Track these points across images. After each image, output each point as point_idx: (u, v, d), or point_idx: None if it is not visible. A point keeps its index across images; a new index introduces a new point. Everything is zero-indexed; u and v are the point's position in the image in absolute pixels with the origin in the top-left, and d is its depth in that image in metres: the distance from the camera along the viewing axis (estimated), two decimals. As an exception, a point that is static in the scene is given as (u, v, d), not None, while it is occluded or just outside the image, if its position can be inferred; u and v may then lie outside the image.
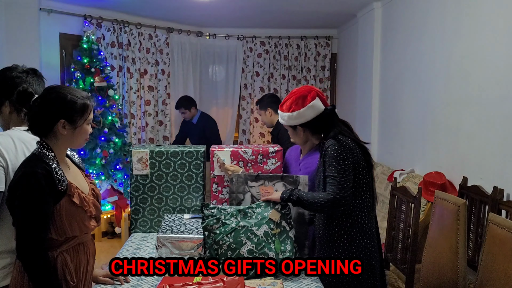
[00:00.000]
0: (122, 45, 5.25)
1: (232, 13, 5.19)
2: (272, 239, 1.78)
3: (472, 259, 2.63)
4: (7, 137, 1.61)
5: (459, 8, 3.13)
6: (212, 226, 1.78)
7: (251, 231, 1.77)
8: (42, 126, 1.49)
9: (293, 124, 1.94)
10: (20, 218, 1.42)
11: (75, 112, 1.50)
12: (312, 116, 1.89)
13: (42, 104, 1.48)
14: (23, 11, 4.41)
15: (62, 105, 1.48)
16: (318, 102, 1.88)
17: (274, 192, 1.93)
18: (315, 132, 1.96)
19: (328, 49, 6.13)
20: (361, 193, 1.84)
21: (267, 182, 2.05)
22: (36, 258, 1.42)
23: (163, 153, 2.31)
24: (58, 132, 1.50)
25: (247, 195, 2.06)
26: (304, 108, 1.87)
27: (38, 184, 1.41)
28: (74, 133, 1.52)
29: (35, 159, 1.47)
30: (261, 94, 6.16)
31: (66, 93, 1.50)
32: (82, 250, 1.60)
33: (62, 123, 1.49)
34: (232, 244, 1.74)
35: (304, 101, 1.88)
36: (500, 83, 2.67)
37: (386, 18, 4.49)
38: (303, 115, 1.89)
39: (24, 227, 1.41)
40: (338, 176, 1.74)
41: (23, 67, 1.74)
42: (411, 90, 3.88)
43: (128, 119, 5.36)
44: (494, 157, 2.73)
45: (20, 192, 1.41)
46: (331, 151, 1.78)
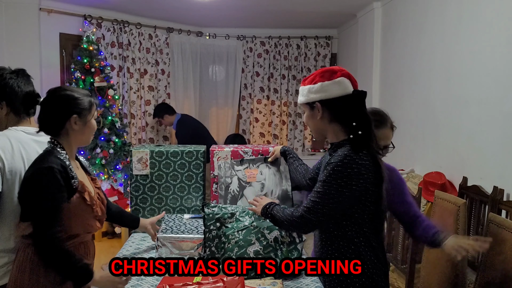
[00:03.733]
0: (122, 45, 5.25)
1: (232, 13, 5.19)
2: (280, 246, 1.77)
3: (472, 259, 2.63)
4: (3, 137, 1.62)
5: (459, 8, 3.13)
6: (225, 219, 1.80)
7: (262, 233, 1.77)
8: (54, 124, 1.56)
9: (312, 100, 1.55)
10: (38, 212, 1.44)
11: (84, 108, 1.59)
12: (337, 94, 1.51)
13: (52, 103, 1.56)
14: (23, 11, 4.41)
15: (73, 102, 1.56)
16: (348, 82, 1.52)
17: (260, 202, 1.75)
18: (335, 119, 1.54)
19: (328, 49, 6.13)
20: (365, 220, 1.51)
21: (252, 165, 2.18)
22: (56, 250, 1.45)
23: (163, 153, 2.31)
24: (70, 128, 1.57)
25: (234, 179, 2.17)
26: (330, 81, 1.51)
27: (55, 178, 1.46)
28: (84, 128, 1.60)
29: (50, 155, 1.51)
30: (262, 94, 6.18)
31: (73, 91, 1.59)
32: (82, 250, 1.61)
33: (75, 118, 1.56)
34: (241, 241, 1.75)
35: (331, 75, 1.52)
36: (500, 83, 2.67)
37: (386, 18, 4.49)
38: (327, 89, 1.51)
39: (43, 221, 1.44)
40: (320, 198, 1.45)
41: (10, 69, 1.74)
42: (411, 90, 3.88)
43: (128, 119, 5.36)
44: (494, 157, 2.73)
45: (37, 186, 1.45)
46: (337, 165, 1.44)
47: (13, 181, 1.59)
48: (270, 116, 6.21)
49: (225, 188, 2.17)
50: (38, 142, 1.72)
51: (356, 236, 1.52)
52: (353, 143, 1.48)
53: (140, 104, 5.52)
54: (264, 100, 6.20)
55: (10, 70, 1.73)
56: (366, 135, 1.50)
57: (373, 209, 1.51)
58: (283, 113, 6.19)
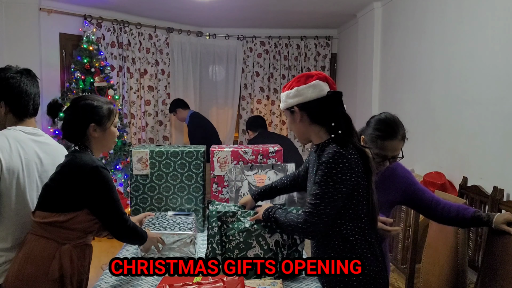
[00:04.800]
0: (122, 45, 5.25)
1: (232, 13, 5.20)
2: (281, 249, 1.76)
3: (472, 259, 2.63)
4: (1, 136, 1.62)
5: (459, 8, 3.13)
6: (227, 218, 1.80)
7: (263, 236, 1.76)
8: (75, 131, 1.63)
9: (290, 105, 1.60)
10: (110, 207, 1.58)
11: (103, 116, 1.65)
12: (313, 97, 1.54)
13: (72, 112, 1.64)
14: (23, 11, 4.42)
15: (91, 110, 1.63)
16: (324, 84, 1.55)
17: (261, 207, 1.77)
18: (314, 120, 1.58)
19: (328, 49, 6.13)
20: (360, 216, 1.53)
21: (260, 170, 2.27)
22: (131, 229, 1.65)
23: (163, 153, 2.31)
24: (90, 136, 1.63)
25: (244, 183, 2.25)
26: (305, 85, 1.55)
27: (108, 174, 1.59)
28: (104, 135, 1.66)
29: (86, 155, 1.59)
30: (261, 94, 6.18)
31: (93, 101, 1.66)
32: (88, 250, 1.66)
33: (93, 126, 1.62)
34: (242, 244, 1.75)
35: (307, 79, 1.57)
36: (500, 83, 2.67)
37: (386, 18, 4.49)
38: (302, 93, 1.56)
39: (117, 212, 1.60)
40: (320, 198, 1.46)
41: (17, 68, 1.74)
42: (411, 90, 3.88)
43: (128, 119, 5.36)
44: (494, 157, 2.73)
45: (99, 185, 1.55)
46: (328, 162, 1.46)
47: (10, 181, 1.59)
48: (270, 116, 6.21)
49: (236, 191, 2.23)
50: (37, 142, 1.72)
51: (352, 234, 1.53)
52: (337, 141, 1.51)
53: (140, 104, 5.52)
54: (264, 100, 6.20)
55: (15, 70, 1.73)
56: (347, 133, 1.54)
57: (365, 203, 1.53)
58: (283, 113, 6.19)
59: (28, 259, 1.51)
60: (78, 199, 1.54)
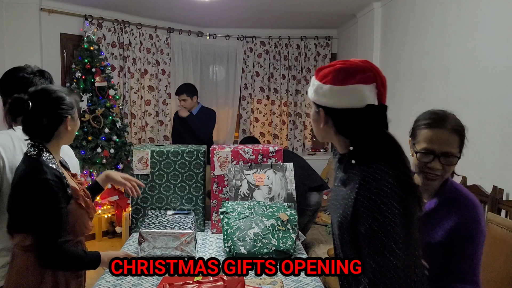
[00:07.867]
0: (122, 45, 5.26)
1: (232, 13, 5.20)
2: (277, 231, 1.99)
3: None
4: (5, 135, 1.63)
5: (459, 8, 3.13)
6: (228, 213, 2.07)
7: (260, 219, 2.03)
8: (48, 129, 1.49)
9: (317, 102, 1.22)
10: (42, 226, 1.41)
11: (73, 107, 1.53)
12: (344, 104, 1.16)
13: (43, 108, 1.47)
14: (24, 11, 4.42)
15: (63, 103, 1.50)
16: (367, 89, 1.16)
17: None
18: (340, 131, 1.21)
19: (328, 49, 6.13)
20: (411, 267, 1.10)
21: (259, 170, 2.33)
22: (66, 257, 1.46)
23: (164, 152, 2.31)
24: (63, 131, 1.51)
25: (244, 182, 2.31)
26: (341, 87, 1.15)
27: (52, 190, 1.41)
28: (74, 127, 1.56)
29: (40, 164, 1.44)
30: (262, 94, 6.18)
31: (61, 92, 1.51)
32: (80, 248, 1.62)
33: (69, 120, 1.51)
34: (242, 226, 2.00)
35: (347, 78, 1.15)
36: (500, 83, 2.67)
37: (386, 18, 4.49)
38: (333, 95, 1.16)
39: (48, 234, 1.41)
40: (381, 239, 1.04)
41: (34, 68, 1.74)
42: (411, 90, 3.88)
43: (128, 119, 5.37)
44: (493, 156, 2.73)
45: (37, 199, 1.40)
46: (374, 188, 1.09)
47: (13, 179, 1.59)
48: (270, 116, 6.22)
49: (235, 190, 2.28)
50: None
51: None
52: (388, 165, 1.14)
53: (141, 104, 5.53)
54: (264, 100, 6.21)
55: (30, 71, 1.71)
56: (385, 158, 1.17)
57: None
58: (283, 113, 6.20)
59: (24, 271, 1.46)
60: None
